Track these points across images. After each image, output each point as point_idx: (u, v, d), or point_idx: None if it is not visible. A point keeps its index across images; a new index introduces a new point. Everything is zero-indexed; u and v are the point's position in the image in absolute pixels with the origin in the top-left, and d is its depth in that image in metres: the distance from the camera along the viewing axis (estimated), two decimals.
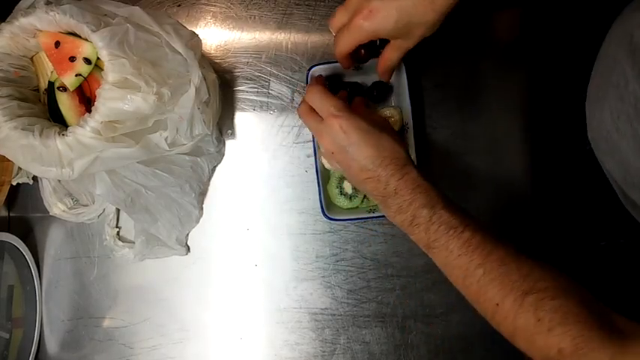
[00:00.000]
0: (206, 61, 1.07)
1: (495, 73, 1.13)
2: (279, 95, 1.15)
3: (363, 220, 1.13)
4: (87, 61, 0.93)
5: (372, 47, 0.96)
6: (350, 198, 1.07)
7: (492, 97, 1.13)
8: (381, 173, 0.86)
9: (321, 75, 1.06)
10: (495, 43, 1.15)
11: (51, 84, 0.97)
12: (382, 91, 1.09)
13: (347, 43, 0.91)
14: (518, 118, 1.13)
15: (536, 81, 1.13)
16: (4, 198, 1.10)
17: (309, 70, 1.06)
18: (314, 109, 0.93)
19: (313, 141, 1.06)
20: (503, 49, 1.14)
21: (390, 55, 0.93)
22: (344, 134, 0.87)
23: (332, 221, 1.11)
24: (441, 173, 1.13)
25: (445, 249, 0.82)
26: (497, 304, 0.77)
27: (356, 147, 0.87)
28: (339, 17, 0.92)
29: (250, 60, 1.15)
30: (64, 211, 1.11)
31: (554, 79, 1.12)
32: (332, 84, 1.07)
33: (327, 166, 1.06)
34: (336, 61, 0.97)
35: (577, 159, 1.10)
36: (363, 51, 0.96)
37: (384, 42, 0.92)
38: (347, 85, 1.08)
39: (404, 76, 1.05)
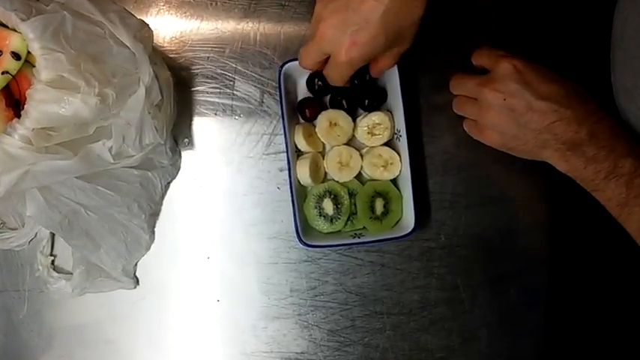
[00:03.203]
0: (158, 56, 1.09)
1: None
2: (246, 97, 1.17)
3: (346, 247, 1.16)
4: (15, 55, 0.92)
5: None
6: (331, 220, 1.12)
7: None
8: (571, 115, 0.91)
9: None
10: (502, 35, 1.19)
11: None
12: (375, 98, 1.14)
13: (343, 77, 0.99)
14: None
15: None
16: None
17: (282, 66, 1.09)
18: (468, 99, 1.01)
19: (287, 152, 1.09)
20: (511, 43, 1.18)
21: (386, 63, 1.00)
22: (518, 74, 0.93)
23: (309, 248, 1.12)
24: (440, 190, 1.17)
25: None
26: None
27: (535, 85, 0.93)
28: (314, 54, 0.99)
29: (211, 55, 1.17)
30: None
31: (571, 72, 1.15)
32: (323, 85, 1.10)
33: (303, 181, 1.11)
34: None
35: None
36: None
37: None
38: (339, 90, 1.12)
39: (396, 74, 1.09)
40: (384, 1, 0.87)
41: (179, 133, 1.17)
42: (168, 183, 1.17)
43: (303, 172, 1.10)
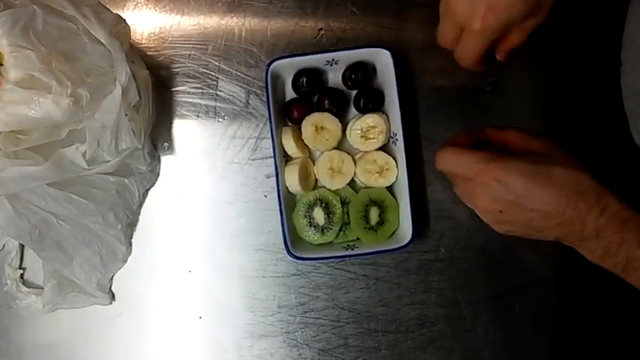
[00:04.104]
0: (136, 54, 1.09)
1: (507, 69, 1.13)
2: (231, 98, 1.17)
3: (339, 260, 1.16)
4: None
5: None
6: (322, 230, 1.12)
7: (504, 99, 1.18)
8: (571, 215, 0.90)
9: (463, 135, 1.10)
10: None
11: None
12: (371, 100, 1.14)
13: (477, 50, 0.99)
14: (537, 126, 1.17)
15: (557, 79, 1.17)
16: None
17: (269, 65, 1.09)
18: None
19: (274, 157, 1.09)
20: None
21: (517, 39, 0.99)
22: (504, 187, 0.92)
23: (298, 261, 1.12)
24: (440, 198, 1.17)
25: None
26: None
27: (526, 196, 0.92)
28: (449, 30, 1.00)
29: (193, 52, 1.17)
30: None
31: (577, 75, 1.17)
32: (310, 86, 1.12)
33: (292, 189, 1.10)
34: (306, 54, 1.05)
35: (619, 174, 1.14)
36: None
37: None
38: (327, 91, 1.14)
39: (392, 73, 1.09)
40: None
41: (158, 137, 1.17)
42: (147, 190, 1.17)
43: (292, 179, 1.09)
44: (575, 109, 1.17)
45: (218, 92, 1.17)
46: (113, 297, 1.17)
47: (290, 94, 1.15)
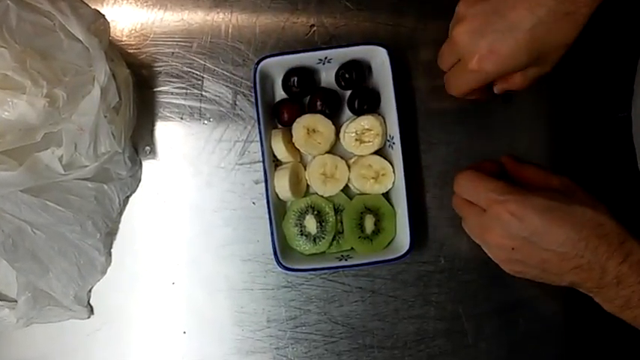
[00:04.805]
0: (116, 52, 1.09)
1: None
2: (217, 98, 1.17)
3: (332, 271, 1.16)
4: None
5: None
6: (314, 240, 1.11)
7: (509, 103, 1.17)
8: (590, 259, 0.89)
9: (488, 162, 1.10)
10: None
11: None
12: (366, 100, 1.13)
13: (467, 87, 1.00)
14: (543, 129, 1.17)
15: (565, 80, 1.17)
16: None
17: (258, 63, 1.08)
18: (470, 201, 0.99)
19: (263, 162, 1.09)
20: None
21: (516, 83, 1.00)
22: (519, 222, 0.91)
23: (289, 272, 1.12)
24: (439, 205, 1.16)
25: None
26: None
27: (542, 234, 0.91)
28: (448, 56, 1.01)
29: (177, 50, 1.17)
30: None
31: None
32: (301, 86, 1.11)
33: (282, 195, 1.10)
34: (297, 52, 1.05)
35: (624, 192, 1.14)
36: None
37: None
38: (319, 91, 1.13)
39: (388, 72, 1.09)
40: (539, 12, 0.87)
41: (140, 140, 1.17)
42: (127, 197, 1.16)
43: (282, 185, 1.09)
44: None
45: (203, 92, 1.17)
46: (91, 310, 1.16)
47: (280, 94, 1.15)
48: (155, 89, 1.17)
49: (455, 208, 1.06)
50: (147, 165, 1.17)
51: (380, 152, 1.13)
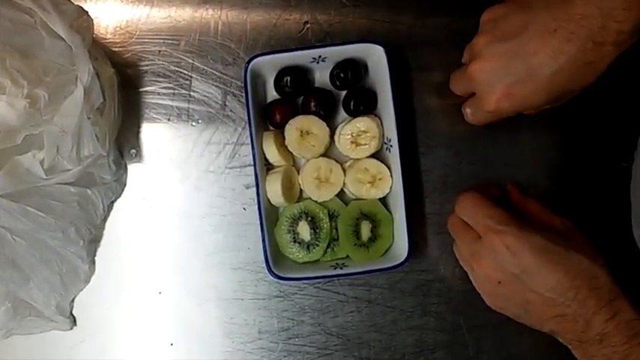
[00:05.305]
0: (100, 50, 1.09)
1: None
2: (205, 99, 1.16)
3: (326, 280, 1.15)
4: None
5: None
6: (308, 247, 1.11)
7: None
8: (577, 310, 0.88)
9: (493, 186, 1.08)
10: None
11: None
12: (362, 101, 1.12)
13: (483, 121, 1.05)
14: (550, 132, 1.17)
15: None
16: None
17: (249, 62, 1.08)
18: (468, 223, 0.99)
19: (254, 165, 1.08)
20: None
21: (529, 112, 1.01)
22: (512, 257, 0.90)
23: (282, 281, 1.12)
24: (439, 211, 1.16)
25: None
26: None
27: (533, 274, 0.90)
28: (462, 86, 1.05)
29: (164, 48, 1.16)
30: None
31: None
32: (294, 86, 1.11)
33: (274, 200, 1.09)
34: (289, 50, 1.05)
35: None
36: None
37: None
38: (313, 92, 1.13)
39: (385, 71, 1.08)
40: (560, 60, 0.88)
41: (125, 143, 1.16)
42: (112, 203, 1.16)
43: (274, 190, 1.08)
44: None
45: (191, 93, 1.17)
46: (74, 321, 1.15)
47: (272, 95, 1.15)
48: (141, 89, 1.17)
49: (449, 229, 1.05)
50: (132, 169, 1.16)
51: (377, 155, 1.13)
